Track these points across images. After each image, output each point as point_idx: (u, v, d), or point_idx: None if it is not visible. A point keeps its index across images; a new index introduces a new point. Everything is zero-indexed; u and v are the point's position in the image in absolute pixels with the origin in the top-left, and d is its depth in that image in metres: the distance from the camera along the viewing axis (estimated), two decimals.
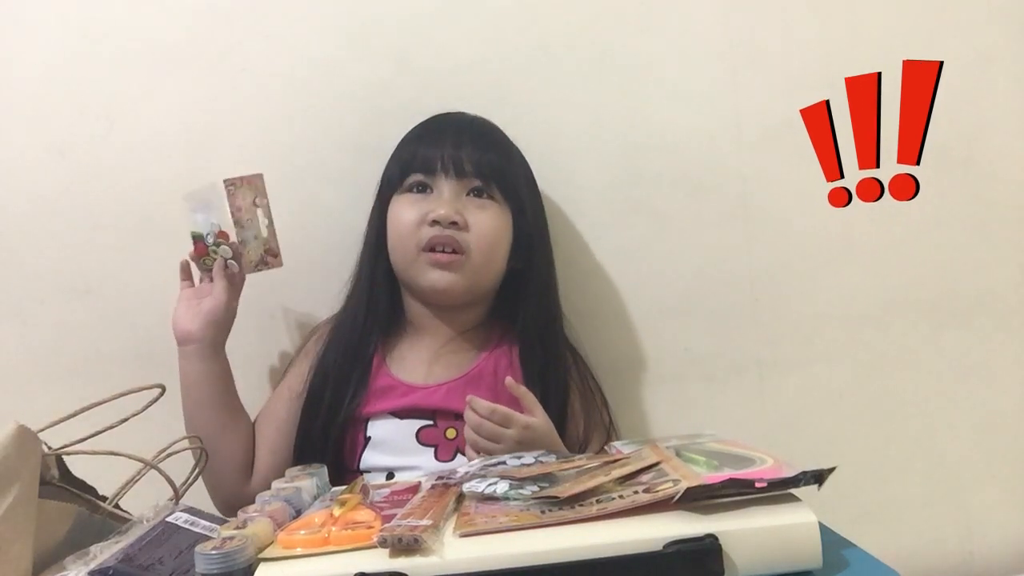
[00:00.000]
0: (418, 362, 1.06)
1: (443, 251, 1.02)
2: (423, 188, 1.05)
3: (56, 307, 1.17)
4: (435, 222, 1.02)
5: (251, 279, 1.09)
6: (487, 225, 1.04)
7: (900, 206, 1.23)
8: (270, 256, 1.04)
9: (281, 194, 1.18)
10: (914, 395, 1.24)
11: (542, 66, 1.20)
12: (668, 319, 1.21)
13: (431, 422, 1.02)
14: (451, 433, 1.02)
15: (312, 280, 1.14)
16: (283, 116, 1.18)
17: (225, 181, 1.01)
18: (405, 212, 1.04)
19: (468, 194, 1.05)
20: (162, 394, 0.92)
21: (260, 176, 1.03)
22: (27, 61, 1.17)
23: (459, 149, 1.05)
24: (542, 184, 1.19)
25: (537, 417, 0.94)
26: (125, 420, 0.84)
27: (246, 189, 1.02)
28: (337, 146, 1.16)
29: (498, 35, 1.20)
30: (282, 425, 1.05)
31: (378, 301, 1.07)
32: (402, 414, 1.03)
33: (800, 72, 1.21)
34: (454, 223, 1.02)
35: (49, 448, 0.77)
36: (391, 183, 1.07)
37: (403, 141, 1.09)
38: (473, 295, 1.07)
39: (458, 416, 0.98)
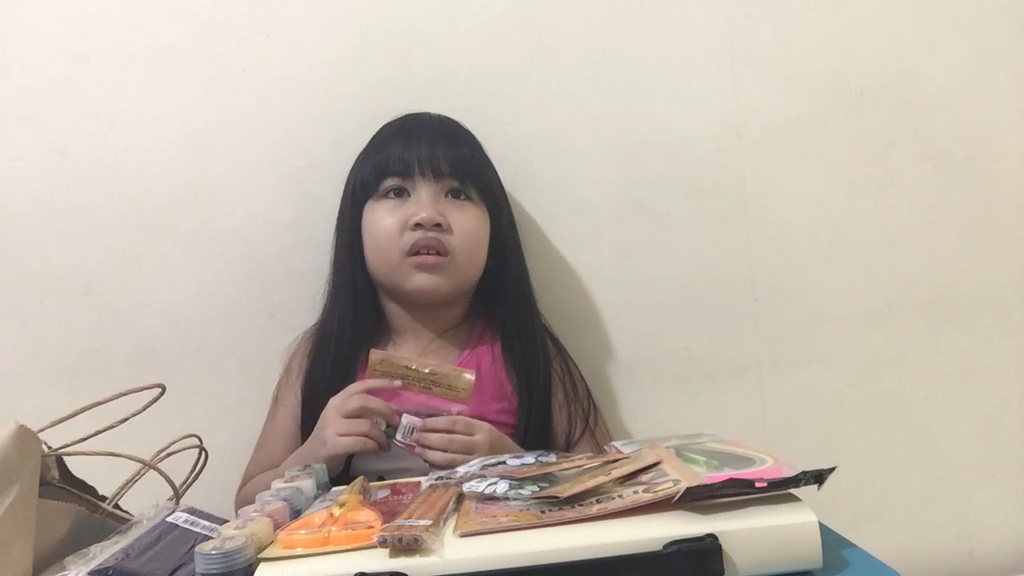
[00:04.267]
0: None
1: (428, 254, 1.02)
2: (400, 192, 1.04)
3: (56, 307, 1.17)
4: (418, 225, 1.01)
5: (248, 279, 1.09)
6: (469, 225, 1.04)
7: (900, 206, 1.23)
8: None
9: (281, 194, 1.18)
10: (914, 395, 1.24)
11: (542, 66, 1.20)
12: (668, 319, 1.22)
13: None
14: None
15: (312, 280, 1.14)
16: (283, 116, 1.18)
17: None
18: (384, 218, 1.04)
19: (446, 195, 1.05)
20: (162, 394, 0.91)
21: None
22: (27, 61, 1.17)
23: (435, 148, 1.04)
24: (541, 184, 1.19)
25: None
26: (125, 420, 0.84)
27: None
28: (337, 146, 1.16)
29: (498, 35, 1.20)
30: (289, 441, 1.06)
31: (362, 308, 1.07)
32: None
33: (800, 72, 1.21)
34: (438, 225, 1.02)
35: (49, 448, 0.77)
36: (365, 188, 1.06)
37: (372, 144, 1.08)
38: (456, 295, 1.07)
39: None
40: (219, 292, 1.19)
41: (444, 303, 1.07)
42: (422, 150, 1.04)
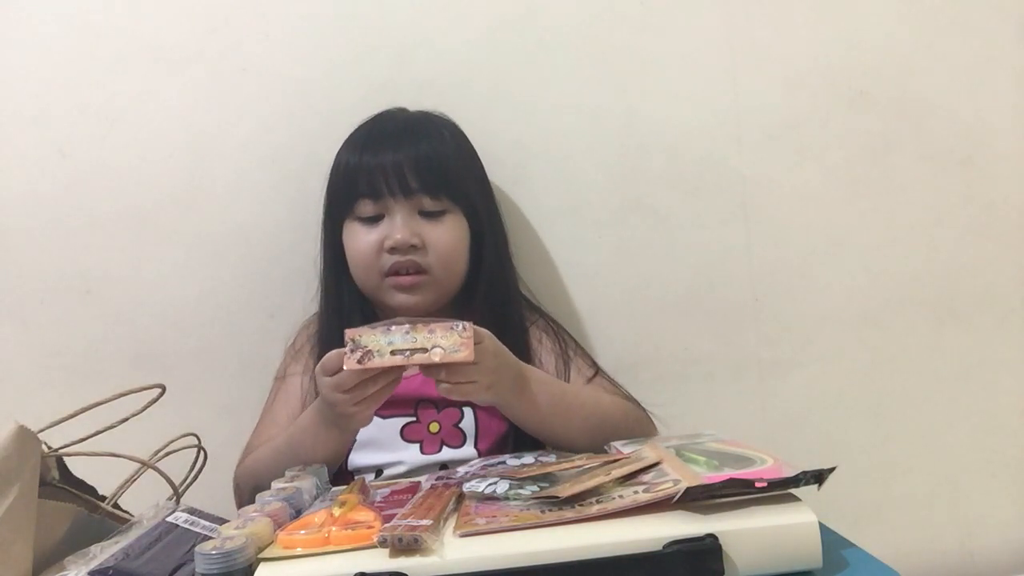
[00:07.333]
0: None
1: (406, 273, 1.03)
2: (375, 220, 1.04)
3: (56, 307, 1.17)
4: (394, 249, 1.02)
5: (248, 279, 1.09)
6: (445, 240, 1.04)
7: (900, 206, 1.23)
8: None
9: (281, 194, 1.19)
10: (914, 395, 1.24)
11: (542, 66, 1.20)
12: (668, 319, 1.21)
13: (414, 419, 1.03)
14: (434, 427, 1.02)
15: (312, 280, 1.14)
16: (283, 116, 1.18)
17: None
18: (362, 240, 1.04)
19: (420, 214, 1.04)
20: (162, 394, 0.91)
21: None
22: (27, 61, 1.17)
23: (399, 153, 1.03)
24: (541, 184, 1.19)
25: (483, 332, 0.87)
26: (125, 420, 0.84)
27: None
28: (336, 146, 1.15)
29: (498, 35, 1.20)
30: (297, 408, 1.04)
31: (351, 318, 1.06)
32: (384, 412, 1.03)
33: (800, 72, 1.21)
34: (413, 246, 1.02)
35: (49, 448, 0.77)
36: (340, 208, 1.06)
37: (342, 153, 1.07)
38: (440, 304, 1.07)
39: (437, 403, 1.01)
40: (219, 292, 1.19)
41: (431, 312, 1.07)
42: (386, 157, 1.03)
